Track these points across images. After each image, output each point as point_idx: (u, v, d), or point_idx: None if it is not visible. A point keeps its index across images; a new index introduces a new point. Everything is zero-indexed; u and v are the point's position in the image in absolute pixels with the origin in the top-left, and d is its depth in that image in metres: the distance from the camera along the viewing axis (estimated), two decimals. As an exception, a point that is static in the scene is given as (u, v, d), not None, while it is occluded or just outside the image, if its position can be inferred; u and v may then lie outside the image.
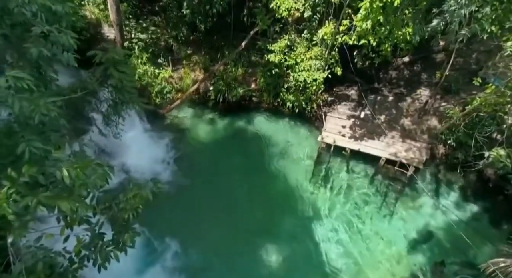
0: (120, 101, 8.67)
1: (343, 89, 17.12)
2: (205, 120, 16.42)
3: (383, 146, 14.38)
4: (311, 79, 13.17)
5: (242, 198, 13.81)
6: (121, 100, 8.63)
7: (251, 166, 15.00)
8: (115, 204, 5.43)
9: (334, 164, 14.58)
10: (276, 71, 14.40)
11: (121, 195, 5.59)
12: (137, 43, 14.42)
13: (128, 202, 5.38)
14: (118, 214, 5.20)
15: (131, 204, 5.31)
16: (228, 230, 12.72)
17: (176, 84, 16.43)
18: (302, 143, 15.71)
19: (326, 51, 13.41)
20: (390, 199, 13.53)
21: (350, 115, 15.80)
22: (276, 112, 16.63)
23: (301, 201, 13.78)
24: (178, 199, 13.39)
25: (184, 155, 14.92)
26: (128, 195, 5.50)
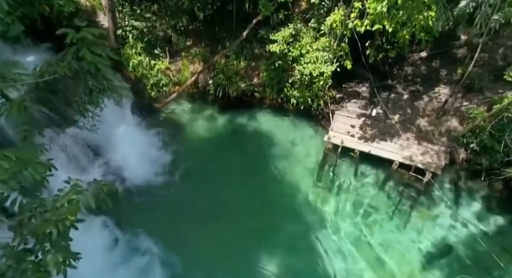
0: (95, 88, 7.57)
1: (353, 86, 15.77)
2: (204, 116, 15.29)
3: (397, 149, 13.00)
4: (318, 73, 11.89)
5: (239, 201, 12.60)
6: (96, 87, 7.53)
7: (251, 167, 13.78)
8: (39, 213, 4.21)
9: (342, 167, 13.25)
10: (279, 64, 13.17)
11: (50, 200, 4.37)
12: (131, 31, 13.38)
13: (55, 212, 4.15)
14: (39, 227, 3.96)
15: (59, 214, 4.08)
16: (222, 236, 11.53)
17: (173, 77, 15.36)
18: (306, 143, 14.42)
19: (335, 42, 12.12)
20: (404, 207, 12.13)
21: (360, 114, 14.44)
22: (279, 109, 15.39)
23: (304, 207, 12.49)
24: (168, 201, 12.31)
25: (178, 153, 13.80)
26: (59, 202, 4.27)
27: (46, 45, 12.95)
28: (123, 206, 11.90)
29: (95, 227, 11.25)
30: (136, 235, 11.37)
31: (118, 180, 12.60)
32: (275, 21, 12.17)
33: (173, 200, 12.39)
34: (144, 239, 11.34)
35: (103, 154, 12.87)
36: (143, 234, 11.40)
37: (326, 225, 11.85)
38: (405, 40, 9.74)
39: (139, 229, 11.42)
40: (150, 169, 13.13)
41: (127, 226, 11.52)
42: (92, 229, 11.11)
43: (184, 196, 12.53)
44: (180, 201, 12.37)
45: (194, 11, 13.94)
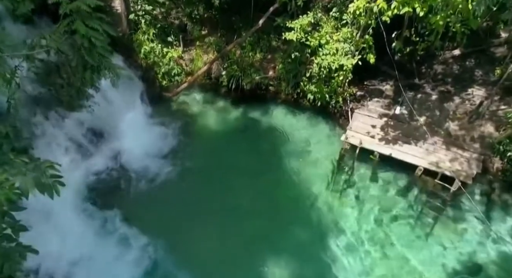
0: (90, 66, 6.97)
1: (376, 83, 14.61)
2: (215, 108, 14.56)
3: (422, 153, 11.77)
4: (337, 66, 10.88)
5: (246, 200, 11.72)
6: (91, 64, 6.93)
7: (261, 165, 12.88)
8: None
9: (359, 170, 12.14)
10: (296, 55, 12.25)
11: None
12: (144, 16, 12.84)
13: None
14: None
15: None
16: (225, 236, 10.71)
17: (186, 67, 14.78)
18: (322, 142, 13.40)
19: (357, 33, 11.07)
20: (427, 218, 10.90)
21: (383, 113, 13.28)
22: (295, 105, 14.45)
23: (315, 211, 11.45)
24: (170, 194, 11.62)
25: (186, 145, 13.12)
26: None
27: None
28: (122, 196, 11.33)
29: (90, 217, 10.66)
30: (133, 230, 10.70)
31: (120, 168, 12.04)
32: (293, 9, 11.24)
33: (176, 194, 11.70)
34: (141, 234, 10.64)
35: (108, 140, 12.39)
36: (140, 228, 10.71)
37: (338, 233, 10.78)
38: (439, 27, 8.54)
39: (137, 222, 10.76)
40: (154, 159, 12.53)
41: (124, 218, 10.90)
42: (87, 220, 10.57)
43: (187, 191, 11.81)
44: (183, 196, 11.65)
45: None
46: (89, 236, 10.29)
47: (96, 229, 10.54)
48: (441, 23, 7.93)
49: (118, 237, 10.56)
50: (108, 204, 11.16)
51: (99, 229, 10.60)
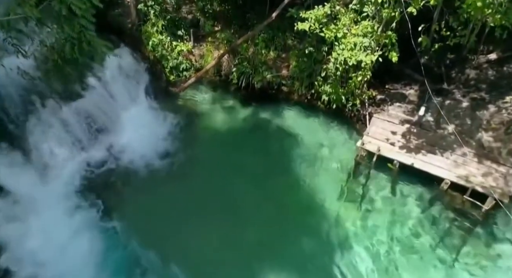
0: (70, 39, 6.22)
1: (399, 87, 13.36)
2: (224, 106, 13.74)
3: (449, 165, 10.39)
4: (354, 61, 9.79)
5: (250, 204, 10.67)
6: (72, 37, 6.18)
7: (269, 168, 11.81)
8: None
9: (376, 179, 10.86)
10: (310, 51, 11.27)
11: None
12: (153, 6, 12.31)
13: None
14: None
15: None
16: (225, 241, 9.67)
17: (196, 63, 14.12)
18: (336, 147, 12.22)
19: (379, 27, 9.98)
20: (453, 239, 9.43)
21: (405, 120, 11.98)
22: (308, 106, 13.40)
23: (324, 221, 10.20)
24: (169, 194, 10.70)
25: (190, 143, 12.27)
26: None
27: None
28: (116, 193, 10.57)
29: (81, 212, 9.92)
30: (123, 229, 9.86)
31: (118, 164, 11.33)
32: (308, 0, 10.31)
33: (175, 195, 10.78)
34: (132, 234, 9.77)
35: (108, 133, 11.78)
36: (132, 228, 9.86)
37: (348, 248, 9.49)
38: (476, 11, 7.23)
39: (129, 221, 9.93)
40: (155, 156, 11.72)
41: (116, 215, 10.09)
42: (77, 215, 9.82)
43: (187, 191, 10.87)
44: (182, 197, 10.72)
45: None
46: (75, 231, 9.51)
47: (83, 224, 9.74)
48: (479, 4, 6.67)
49: (106, 235, 9.72)
50: (101, 199, 10.41)
51: (86, 224, 9.79)
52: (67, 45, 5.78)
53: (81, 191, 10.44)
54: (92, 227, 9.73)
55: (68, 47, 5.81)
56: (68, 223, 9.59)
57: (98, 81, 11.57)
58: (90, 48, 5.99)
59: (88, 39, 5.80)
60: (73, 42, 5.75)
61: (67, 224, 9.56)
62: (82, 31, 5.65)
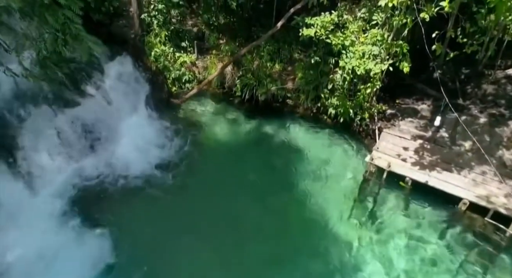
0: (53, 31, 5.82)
1: (410, 102, 12.72)
2: (227, 119, 13.25)
3: (467, 184, 9.54)
4: (363, 71, 9.23)
5: (252, 221, 9.86)
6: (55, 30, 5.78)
7: (273, 184, 11.09)
8: None
9: (386, 198, 10.01)
10: (317, 60, 10.80)
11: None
12: (156, 16, 12.18)
13: None
14: None
15: None
16: (224, 258, 8.84)
17: (199, 75, 13.82)
18: (343, 163, 11.46)
19: (390, 35, 9.49)
20: (474, 266, 8.40)
21: (417, 135, 11.24)
22: (314, 120, 12.82)
23: (330, 241, 9.29)
24: (166, 209, 10.01)
25: (190, 155, 11.71)
26: None
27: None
28: (110, 206, 9.92)
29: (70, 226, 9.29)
30: (114, 245, 9.09)
31: (113, 175, 10.76)
32: (314, 3, 9.89)
33: (172, 209, 10.07)
34: (123, 251, 9.01)
35: (104, 143, 11.28)
36: (124, 244, 9.10)
37: (356, 271, 8.53)
38: (498, 17, 6.59)
39: (120, 236, 9.19)
40: (153, 169, 11.14)
41: (107, 230, 9.38)
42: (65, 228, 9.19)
43: (186, 205, 10.17)
44: (181, 210, 10.01)
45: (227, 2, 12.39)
46: (61, 246, 8.83)
47: (71, 239, 9.06)
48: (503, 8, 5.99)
49: (95, 250, 8.98)
50: (92, 212, 9.77)
51: (74, 239, 9.10)
52: (49, 37, 5.40)
53: (72, 203, 9.82)
54: (80, 242, 9.05)
55: (51, 40, 5.42)
56: (54, 237, 8.95)
57: (96, 90, 11.25)
58: (75, 43, 5.59)
59: (73, 32, 5.43)
60: (57, 34, 5.36)
61: (53, 238, 8.92)
62: (66, 23, 5.28)
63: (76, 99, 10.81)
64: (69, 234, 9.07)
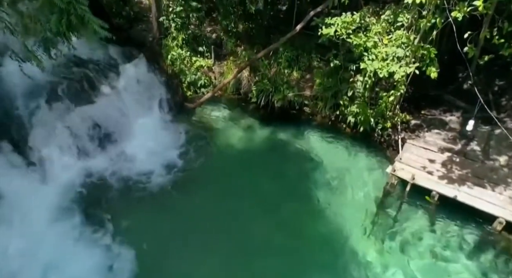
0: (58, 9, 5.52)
1: (437, 113, 11.90)
2: (240, 125, 12.83)
3: (503, 201, 8.56)
4: (386, 73, 8.63)
5: (261, 232, 9.12)
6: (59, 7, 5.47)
7: (285, 193, 10.41)
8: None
9: (409, 213, 9.11)
10: (336, 64, 10.30)
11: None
12: (174, 19, 12.15)
13: None
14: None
15: None
16: (228, 270, 8.19)
17: (215, 80, 13.60)
18: (363, 175, 10.67)
19: (416, 38, 8.90)
20: (512, 295, 7.33)
21: (445, 147, 10.37)
22: (332, 129, 12.18)
23: (346, 259, 8.43)
24: (172, 215, 9.50)
25: (201, 160, 11.29)
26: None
27: (94, 31, 12.46)
28: (115, 206, 9.55)
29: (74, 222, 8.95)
30: (120, 244, 8.62)
31: (121, 175, 10.47)
32: (335, 4, 9.48)
33: (180, 212, 9.57)
34: (128, 251, 8.49)
35: (116, 143, 11.14)
36: (129, 244, 8.59)
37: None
38: None
39: (127, 236, 8.72)
40: (162, 170, 10.80)
41: (110, 231, 8.97)
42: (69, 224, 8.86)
43: (194, 210, 9.64)
44: (188, 215, 9.49)
45: (246, 5, 12.25)
46: (65, 241, 8.49)
47: (73, 236, 8.70)
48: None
49: (98, 247, 8.57)
50: (96, 209, 9.46)
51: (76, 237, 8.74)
52: (54, 17, 5.18)
53: (78, 199, 9.60)
54: (84, 239, 8.69)
55: (55, 20, 5.20)
56: (58, 232, 8.65)
57: (111, 90, 11.22)
58: (81, 26, 5.35)
59: (79, 13, 5.21)
60: (61, 14, 5.13)
61: (57, 232, 8.62)
62: (72, 2, 5.07)
63: (90, 97, 10.79)
64: (72, 229, 8.77)
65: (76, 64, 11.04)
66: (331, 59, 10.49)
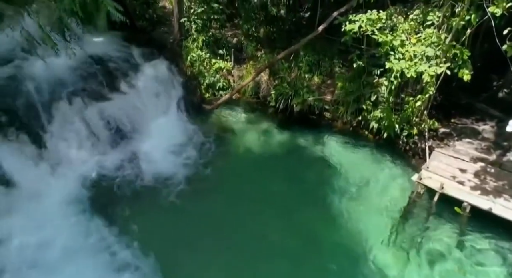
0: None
1: (469, 122, 11.15)
2: (258, 129, 12.50)
3: (544, 216, 7.66)
4: (413, 73, 8.11)
5: (276, 238, 8.55)
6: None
7: (302, 199, 9.85)
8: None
9: (437, 225, 8.36)
10: (359, 65, 9.87)
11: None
12: (195, 21, 12.16)
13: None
14: None
15: None
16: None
17: (234, 83, 13.44)
18: (386, 183, 10.00)
19: (447, 37, 8.37)
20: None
21: (478, 157, 9.59)
22: (353, 135, 11.63)
23: (366, 271, 7.74)
24: (183, 216, 9.14)
25: (216, 161, 10.96)
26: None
27: (117, 33, 12.70)
28: (125, 202, 9.32)
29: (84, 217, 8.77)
30: (128, 242, 8.31)
31: (134, 172, 10.29)
32: (360, 2, 9.12)
33: (191, 214, 9.16)
34: (132, 253, 8.16)
35: (131, 140, 11.03)
36: (134, 245, 8.26)
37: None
38: None
39: (136, 235, 8.42)
40: (175, 171, 10.52)
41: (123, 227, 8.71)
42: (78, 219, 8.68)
43: (207, 213, 9.20)
44: (200, 217, 9.05)
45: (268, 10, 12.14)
46: (74, 236, 8.29)
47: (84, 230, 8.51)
48: None
49: (105, 245, 8.30)
50: (108, 207, 9.25)
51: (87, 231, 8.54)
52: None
53: (89, 194, 9.47)
54: (95, 234, 8.48)
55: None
56: (70, 224, 8.52)
57: (130, 88, 11.25)
58: (94, 6, 5.23)
59: None
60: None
61: (69, 225, 8.51)
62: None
63: (109, 95, 10.83)
64: (83, 223, 8.59)
65: (97, 62, 11.19)
66: (354, 59, 10.05)
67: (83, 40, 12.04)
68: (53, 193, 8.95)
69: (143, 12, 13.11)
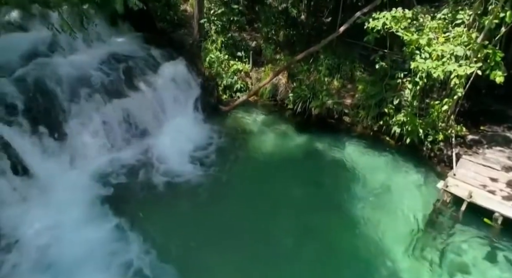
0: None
1: (500, 130, 10.50)
2: (275, 131, 12.24)
3: None
4: (441, 74, 7.67)
5: (290, 242, 8.16)
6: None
7: (319, 205, 9.42)
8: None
9: (465, 236, 7.74)
10: (382, 66, 9.50)
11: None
12: (215, 22, 12.17)
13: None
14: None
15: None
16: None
17: (252, 86, 13.31)
18: (408, 191, 9.45)
19: (478, 37, 7.92)
20: None
21: (510, 166, 8.93)
22: (374, 141, 11.18)
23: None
24: (195, 215, 8.91)
25: (231, 162, 10.77)
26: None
27: (138, 34, 12.94)
28: (139, 199, 9.22)
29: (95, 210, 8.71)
30: (139, 239, 8.12)
31: (148, 170, 10.21)
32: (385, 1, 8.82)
33: (204, 214, 8.92)
34: (146, 247, 7.95)
35: (146, 138, 11.04)
36: (148, 240, 8.07)
37: None
38: None
39: (146, 231, 8.23)
40: (190, 171, 10.35)
41: (132, 223, 8.55)
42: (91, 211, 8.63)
43: (219, 214, 8.95)
44: (213, 219, 8.78)
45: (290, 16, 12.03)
46: (89, 227, 8.23)
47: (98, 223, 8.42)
48: None
49: (115, 237, 8.17)
50: (122, 203, 9.14)
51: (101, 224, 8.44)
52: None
53: (104, 188, 9.43)
54: (109, 228, 8.37)
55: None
56: (85, 217, 8.47)
57: (148, 86, 11.32)
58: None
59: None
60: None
61: (84, 217, 8.45)
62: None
63: (127, 92, 10.92)
64: (97, 216, 8.55)
65: (118, 61, 11.38)
66: (377, 60, 9.70)
67: (105, 40, 12.44)
68: (68, 185, 8.99)
69: (164, 14, 13.28)
